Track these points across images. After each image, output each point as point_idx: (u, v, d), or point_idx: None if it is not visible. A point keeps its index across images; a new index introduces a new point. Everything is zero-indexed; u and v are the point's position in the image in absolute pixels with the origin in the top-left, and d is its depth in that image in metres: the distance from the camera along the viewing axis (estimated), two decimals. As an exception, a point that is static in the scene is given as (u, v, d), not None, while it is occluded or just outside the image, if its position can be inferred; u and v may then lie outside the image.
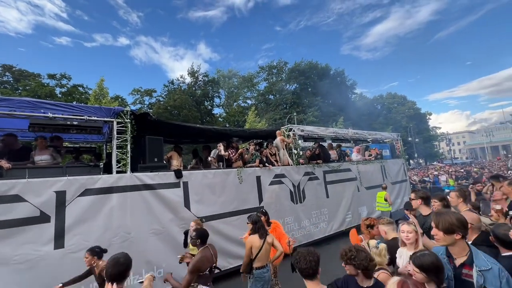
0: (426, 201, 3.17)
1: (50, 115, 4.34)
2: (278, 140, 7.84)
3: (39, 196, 4.08)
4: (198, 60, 71.24)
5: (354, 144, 11.32)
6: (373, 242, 2.39)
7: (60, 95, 25.81)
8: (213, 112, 38.84)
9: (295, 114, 23.72)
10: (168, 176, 5.38)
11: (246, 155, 7.03)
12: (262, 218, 4.37)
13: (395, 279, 1.64)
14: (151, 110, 31.14)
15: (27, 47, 47.19)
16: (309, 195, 7.82)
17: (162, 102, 34.22)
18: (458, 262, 1.86)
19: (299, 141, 8.59)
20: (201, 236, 3.23)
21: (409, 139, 38.38)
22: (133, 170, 5.06)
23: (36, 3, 44.27)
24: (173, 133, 6.68)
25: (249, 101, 42.81)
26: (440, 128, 59.75)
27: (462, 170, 18.49)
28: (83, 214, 4.38)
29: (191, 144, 8.77)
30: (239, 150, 7.03)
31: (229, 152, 6.67)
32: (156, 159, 5.38)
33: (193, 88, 36.67)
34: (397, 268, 2.38)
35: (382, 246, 2.31)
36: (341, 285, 2.08)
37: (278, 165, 7.43)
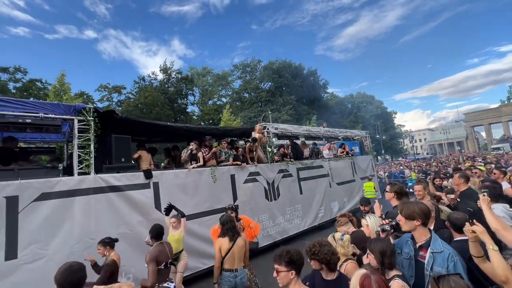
0: (399, 196, 3.02)
1: (3, 112, 3.90)
2: (257, 136, 7.82)
3: (-14, 202, 3.66)
4: (172, 57, 69.31)
5: (326, 142, 11.73)
6: (338, 235, 2.49)
7: (14, 91, 23.47)
8: (187, 110, 37.88)
9: (269, 112, 23.99)
10: (136, 177, 5.13)
11: (221, 157, 6.94)
12: (233, 214, 4.34)
13: (360, 272, 1.70)
14: (120, 108, 29.53)
15: (-27, 36, 42.14)
16: (283, 192, 7.95)
17: (132, 100, 32.58)
18: (417, 245, 2.07)
19: (273, 139, 8.68)
20: (155, 231, 3.40)
21: (377, 136, 40.81)
22: (98, 171, 4.74)
23: (-15, -12, 39.64)
24: (142, 131, 6.38)
25: (224, 99, 42.47)
26: (404, 126, 64.43)
27: (424, 165, 20.00)
28: (40, 221, 4.01)
29: (162, 143, 8.46)
30: (213, 149, 6.92)
31: (202, 151, 6.53)
32: (123, 159, 5.10)
33: (166, 85, 35.41)
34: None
35: (346, 237, 2.41)
36: (309, 279, 2.13)
37: (255, 163, 7.44)
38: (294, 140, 9.41)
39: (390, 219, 2.25)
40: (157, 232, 3.40)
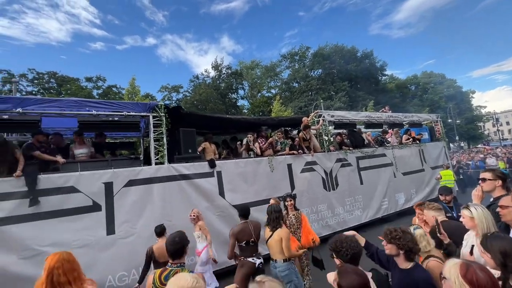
0: (505, 183, 2.39)
1: (94, 112, 4.68)
2: (306, 121, 7.64)
3: (91, 187, 4.47)
4: (221, 53, 71.66)
5: (388, 128, 10.70)
6: (411, 228, 2.27)
7: (97, 96, 27.74)
8: (237, 104, 39.17)
9: (321, 100, 23.00)
10: (202, 166, 5.57)
11: (277, 147, 7.00)
12: (290, 202, 4.32)
13: (455, 260, 1.50)
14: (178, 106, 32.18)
15: (67, 54, 51.24)
16: (342, 182, 7.62)
17: (188, 97, 35.22)
18: None
19: (330, 127, 8.33)
20: (241, 211, 3.68)
21: (449, 120, 35.34)
22: (170, 161, 5.31)
23: (72, 12, 47.53)
24: (204, 124, 6.85)
25: (273, 91, 42.31)
26: (485, 107, 54.16)
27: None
28: (129, 203, 4.72)
29: (221, 136, 8.94)
30: (269, 139, 7.01)
31: (259, 141, 6.69)
32: (190, 150, 5.58)
33: (217, 81, 37.16)
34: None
35: (419, 232, 2.17)
36: (386, 260, 2.05)
37: (311, 152, 7.29)
38: (353, 128, 8.84)
39: None
40: (243, 212, 3.68)
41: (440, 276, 1.49)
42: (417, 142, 10.31)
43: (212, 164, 5.65)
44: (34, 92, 26.32)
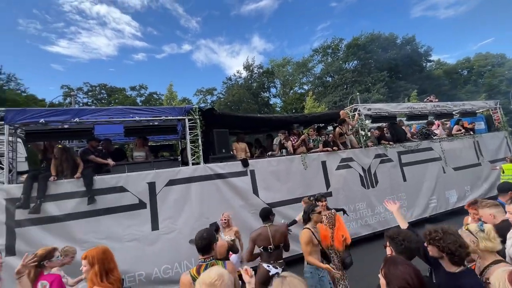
0: None
1: (137, 118, 5.12)
2: (343, 116, 7.34)
3: (137, 187, 4.91)
4: (253, 53, 72.45)
5: (434, 119, 9.74)
6: (473, 226, 2.02)
7: (140, 103, 30.17)
8: (270, 103, 39.22)
9: (357, 93, 21.81)
10: (236, 165, 5.72)
11: (309, 144, 6.87)
12: (324, 203, 4.20)
13: (505, 268, 1.34)
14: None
15: (114, 66, 56.66)
16: (382, 179, 7.17)
17: (222, 99, 36.33)
18: None
19: (367, 121, 7.89)
20: (260, 214, 3.49)
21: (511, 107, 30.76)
22: (205, 161, 5.56)
23: (118, 28, 52.50)
24: (236, 124, 7.02)
25: (305, 87, 41.41)
26: (560, 88, 46.05)
27: None
28: (171, 201, 5.07)
29: (253, 134, 9.07)
30: (301, 137, 6.91)
31: (291, 139, 6.63)
32: (223, 150, 5.78)
33: (249, 81, 37.65)
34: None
35: (488, 227, 1.92)
36: (434, 262, 1.92)
37: (345, 148, 7.02)
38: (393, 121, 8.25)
39: None
40: (263, 215, 3.51)
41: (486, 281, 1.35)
42: (471, 133, 9.21)
43: (245, 163, 5.77)
44: (88, 103, 29.64)
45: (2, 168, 4.44)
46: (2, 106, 4.94)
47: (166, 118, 5.38)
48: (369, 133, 7.86)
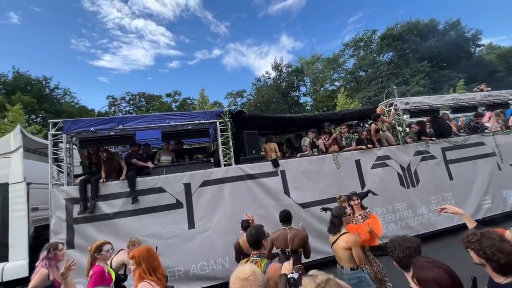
0: None
1: (172, 123, 5.45)
2: (380, 111, 6.96)
3: (174, 187, 5.23)
4: (281, 53, 72.29)
5: (486, 110, 8.74)
6: None
7: (175, 109, 31.91)
8: (299, 102, 38.68)
9: (394, 87, 20.42)
10: (266, 166, 5.78)
11: (342, 142, 6.66)
12: (356, 202, 4.03)
13: None
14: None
15: (151, 75, 61.07)
16: (424, 178, 6.64)
17: (251, 100, 36.77)
18: None
19: (404, 116, 7.38)
20: (280, 216, 3.42)
21: None
22: (236, 162, 5.71)
23: (154, 39, 56.59)
24: (265, 125, 7.10)
25: (337, 83, 40.07)
26: None
27: None
28: (205, 201, 5.31)
29: (283, 134, 9.06)
30: (333, 135, 6.72)
31: (322, 137, 6.49)
32: (254, 151, 5.87)
33: (278, 81, 37.57)
34: None
35: None
36: None
37: (381, 146, 6.66)
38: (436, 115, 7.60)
39: None
40: (283, 217, 3.42)
41: None
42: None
43: (275, 163, 5.80)
44: (130, 111, 32.21)
45: (62, 172, 5.07)
46: (60, 117, 5.63)
47: (199, 122, 5.65)
48: (407, 129, 7.33)
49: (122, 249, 3.85)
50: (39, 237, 5.03)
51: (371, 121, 7.19)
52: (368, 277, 3.09)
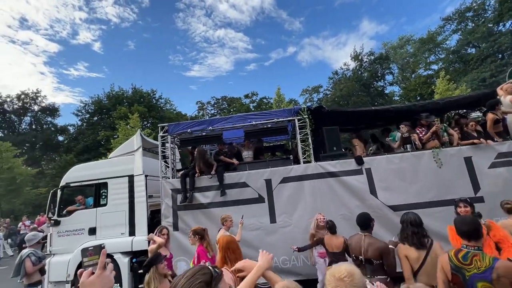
0: None
1: (253, 122, 5.80)
2: (507, 99, 5.44)
3: (256, 183, 5.55)
4: (362, 40, 65.89)
5: None
6: None
7: (253, 109, 33.70)
8: (385, 92, 34.48)
9: (523, 62, 15.54)
10: (349, 163, 5.42)
11: (444, 137, 5.57)
12: (465, 209, 3.24)
13: None
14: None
15: (232, 79, 66.35)
16: None
17: (328, 95, 35.09)
18: None
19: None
20: (358, 220, 3.20)
21: None
22: (316, 159, 5.59)
23: (233, 46, 61.47)
24: (347, 120, 6.65)
25: (434, 66, 33.57)
26: None
27: None
28: (285, 197, 5.43)
29: (369, 130, 8.27)
30: (433, 128, 5.67)
31: (418, 131, 5.60)
32: (335, 148, 5.61)
33: (359, 72, 34.55)
34: None
35: None
36: None
37: (503, 140, 5.25)
38: None
39: None
40: (361, 222, 3.16)
41: None
42: None
43: (359, 160, 5.38)
44: (215, 114, 35.96)
45: (168, 167, 6.14)
46: (163, 122, 6.80)
47: (278, 120, 5.81)
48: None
49: (221, 228, 4.61)
50: (153, 219, 6.26)
51: (486, 109, 5.72)
52: None
